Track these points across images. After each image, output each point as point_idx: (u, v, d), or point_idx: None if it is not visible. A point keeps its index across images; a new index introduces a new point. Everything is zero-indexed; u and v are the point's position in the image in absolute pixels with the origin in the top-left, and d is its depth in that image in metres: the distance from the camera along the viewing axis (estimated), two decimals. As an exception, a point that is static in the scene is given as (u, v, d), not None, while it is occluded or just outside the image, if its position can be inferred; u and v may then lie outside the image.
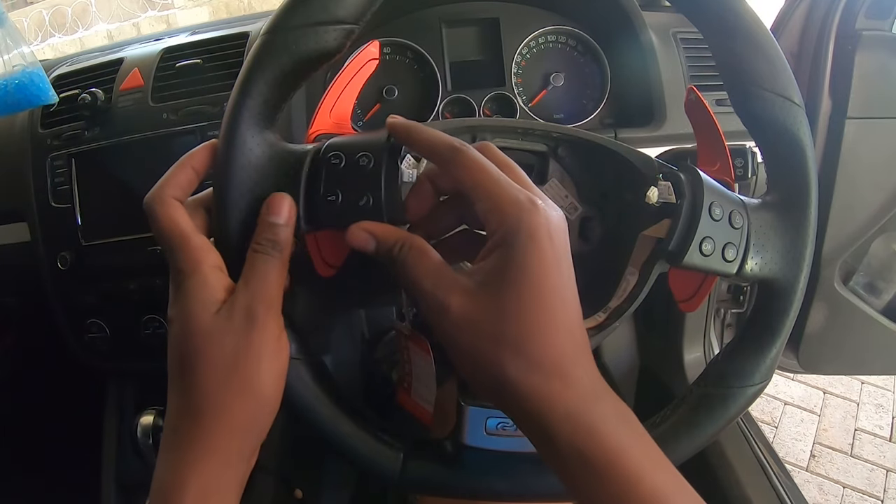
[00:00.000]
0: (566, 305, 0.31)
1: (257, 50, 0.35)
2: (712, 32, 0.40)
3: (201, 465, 0.32)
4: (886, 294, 0.90)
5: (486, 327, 0.30)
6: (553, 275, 0.30)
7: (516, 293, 0.30)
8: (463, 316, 0.30)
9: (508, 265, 0.30)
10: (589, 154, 0.44)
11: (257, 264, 0.34)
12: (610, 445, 0.29)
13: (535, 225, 0.30)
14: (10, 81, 0.63)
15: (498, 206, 0.31)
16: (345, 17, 0.35)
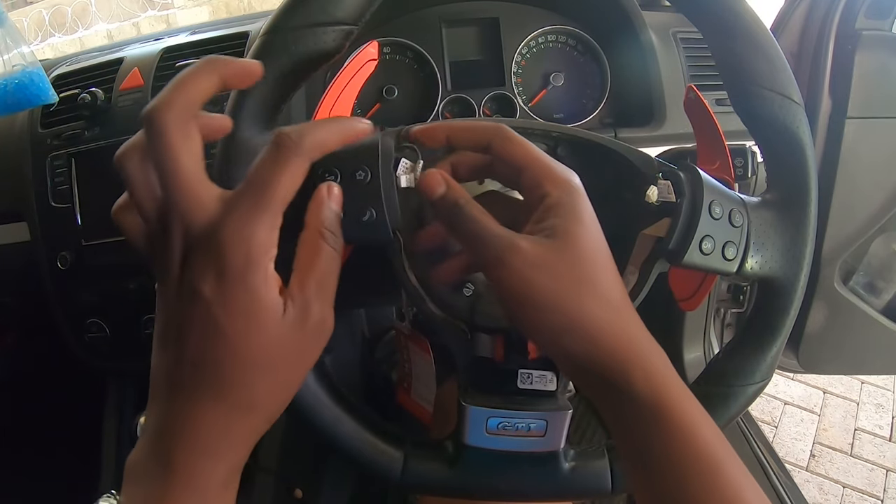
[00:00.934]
0: (612, 258, 0.34)
1: (257, 50, 0.35)
2: (712, 32, 0.40)
3: (212, 412, 0.29)
4: (886, 294, 0.90)
5: (563, 268, 0.31)
6: (599, 231, 0.33)
7: (584, 242, 0.32)
8: (537, 256, 0.31)
9: (570, 221, 0.32)
10: (588, 153, 0.44)
11: (325, 258, 0.31)
12: (675, 392, 0.31)
13: (581, 191, 0.33)
14: (10, 81, 0.63)
15: (551, 174, 0.33)
16: (344, 17, 0.35)
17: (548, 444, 0.37)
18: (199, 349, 0.28)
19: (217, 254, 0.28)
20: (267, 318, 0.28)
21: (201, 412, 0.28)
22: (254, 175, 0.29)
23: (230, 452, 0.30)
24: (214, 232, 0.28)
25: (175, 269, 0.29)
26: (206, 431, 0.28)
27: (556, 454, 0.38)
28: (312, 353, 0.31)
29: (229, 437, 0.29)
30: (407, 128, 0.40)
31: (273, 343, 0.29)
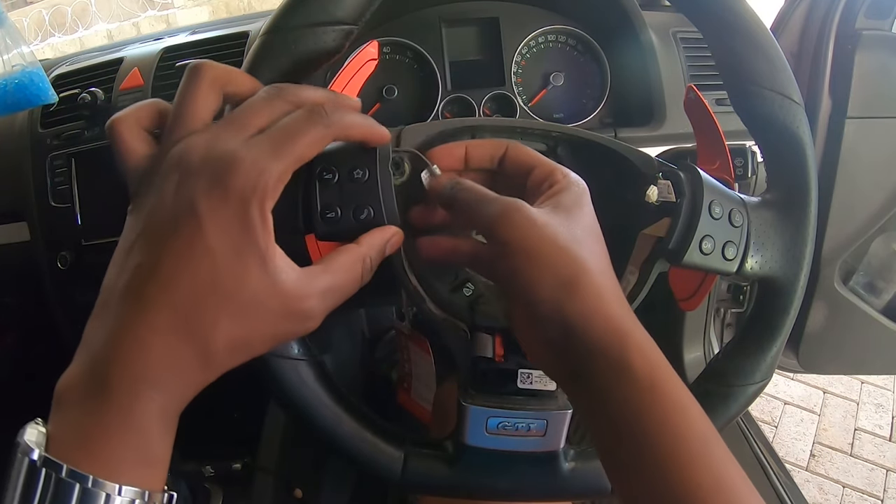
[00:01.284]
0: (607, 253, 0.35)
1: (256, 50, 0.35)
2: (712, 31, 0.40)
3: (192, 377, 0.28)
4: (886, 294, 0.90)
5: (563, 230, 0.32)
6: (597, 225, 0.35)
7: (581, 218, 0.34)
8: (539, 215, 0.32)
9: (572, 202, 0.34)
10: (588, 153, 0.44)
11: (351, 275, 0.32)
12: (665, 367, 0.31)
13: (587, 191, 0.36)
14: (10, 81, 0.63)
15: (561, 170, 0.36)
16: (343, 17, 0.35)
17: (548, 444, 0.37)
18: (174, 265, 0.27)
19: (226, 176, 0.27)
20: (254, 257, 0.28)
21: (152, 335, 0.26)
22: (283, 125, 0.29)
23: (175, 389, 0.28)
24: (232, 157, 0.27)
25: (170, 183, 0.28)
26: (154, 359, 0.26)
27: (555, 454, 0.38)
28: (283, 328, 0.30)
29: (176, 372, 0.27)
30: (408, 127, 0.40)
31: (251, 287, 0.28)
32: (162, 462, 0.28)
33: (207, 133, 0.29)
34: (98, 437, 0.26)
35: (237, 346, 0.29)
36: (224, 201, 0.27)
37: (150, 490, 0.27)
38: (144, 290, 0.27)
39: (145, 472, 0.27)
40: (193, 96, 0.30)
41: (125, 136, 0.31)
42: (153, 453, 0.27)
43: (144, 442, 0.27)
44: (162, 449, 0.28)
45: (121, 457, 0.26)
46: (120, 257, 0.29)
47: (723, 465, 0.30)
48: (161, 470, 0.28)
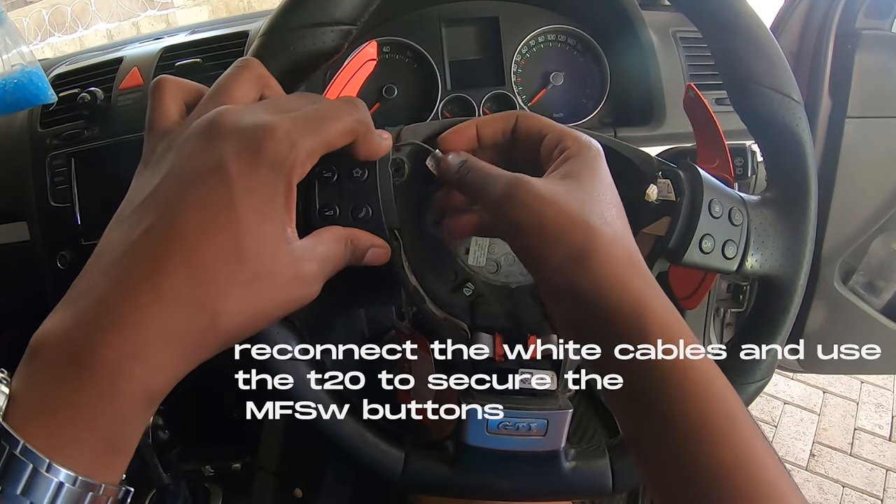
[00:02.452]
0: (623, 211, 0.34)
1: (256, 50, 0.35)
2: (711, 31, 0.40)
3: (164, 310, 0.24)
4: (886, 293, 0.90)
5: (572, 202, 0.31)
6: (612, 185, 0.34)
7: (595, 185, 0.33)
8: (546, 188, 0.32)
9: (584, 169, 0.33)
10: (588, 153, 0.44)
11: (342, 253, 0.33)
12: (688, 339, 0.30)
13: (600, 153, 0.35)
14: (10, 81, 0.63)
15: (572, 134, 0.35)
16: (342, 17, 0.35)
17: (548, 444, 0.37)
18: (196, 223, 0.25)
19: (260, 142, 0.26)
20: (276, 225, 0.27)
21: (155, 304, 0.24)
22: (320, 107, 0.30)
23: (166, 369, 0.25)
24: (267, 124, 0.27)
25: (198, 144, 0.27)
26: (152, 333, 0.24)
27: (556, 453, 0.38)
28: (293, 294, 0.29)
29: (173, 350, 0.25)
30: (407, 127, 0.40)
31: (270, 253, 0.27)
32: (129, 451, 0.25)
33: (242, 107, 0.29)
34: (65, 414, 0.23)
35: (250, 317, 0.27)
36: (255, 165, 0.26)
37: (109, 483, 0.24)
38: (155, 249, 0.25)
39: (110, 462, 0.24)
40: (235, 82, 0.31)
41: (166, 97, 0.32)
42: (122, 442, 0.25)
43: (117, 428, 0.24)
44: (134, 437, 0.25)
45: (86, 442, 0.23)
46: (126, 214, 0.27)
47: (748, 441, 0.28)
48: (126, 459, 0.25)
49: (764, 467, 0.28)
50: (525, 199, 0.31)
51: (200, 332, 0.25)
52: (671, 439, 0.29)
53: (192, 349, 0.25)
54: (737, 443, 0.28)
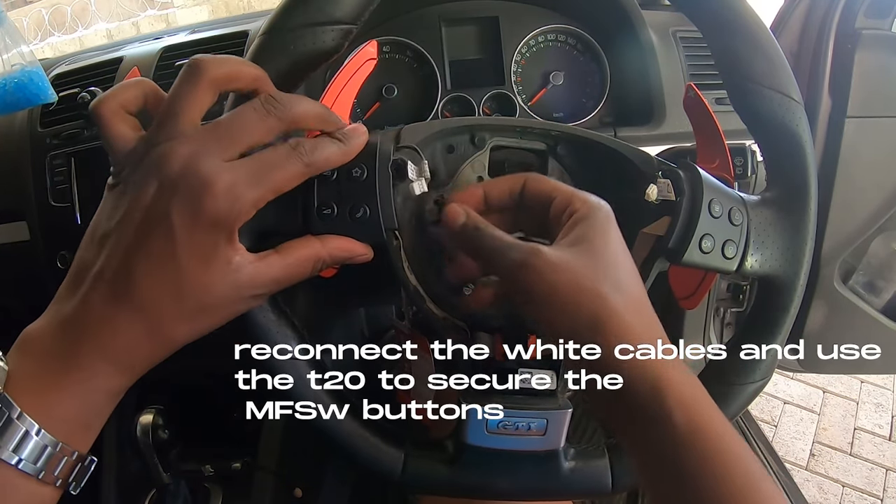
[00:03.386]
0: (636, 283, 0.34)
1: (255, 50, 0.35)
2: (711, 30, 0.40)
3: (104, 338, 0.29)
4: (886, 293, 0.90)
5: (584, 269, 0.32)
6: (624, 246, 0.34)
7: (606, 248, 0.33)
8: (560, 258, 0.32)
9: (595, 231, 0.33)
10: (588, 152, 0.44)
11: (298, 270, 0.34)
12: (706, 407, 0.30)
13: (610, 214, 0.35)
14: (10, 80, 0.63)
15: (581, 196, 0.35)
16: (342, 17, 0.35)
17: (548, 444, 0.37)
18: (142, 269, 0.29)
19: (202, 198, 0.29)
20: (218, 269, 0.30)
21: (119, 318, 0.29)
22: (265, 157, 0.31)
23: (129, 368, 0.30)
24: (210, 179, 0.29)
25: (149, 187, 0.29)
26: (118, 339, 0.29)
27: (556, 453, 0.38)
28: (234, 310, 0.32)
29: (132, 353, 0.30)
30: (407, 127, 0.40)
31: (213, 292, 0.30)
32: (98, 428, 0.31)
33: (193, 143, 0.30)
34: (52, 395, 0.29)
35: (199, 333, 0.31)
36: (196, 221, 0.29)
37: (79, 451, 0.30)
38: (115, 282, 0.29)
39: (83, 435, 0.30)
40: (188, 96, 0.31)
41: (110, 122, 0.32)
42: (93, 421, 0.31)
43: (90, 410, 0.30)
44: (102, 418, 0.31)
45: (66, 418, 0.29)
46: (95, 238, 0.31)
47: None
48: (94, 434, 0.31)
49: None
50: (540, 268, 0.32)
51: (154, 350, 0.31)
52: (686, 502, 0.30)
53: (150, 359, 0.31)
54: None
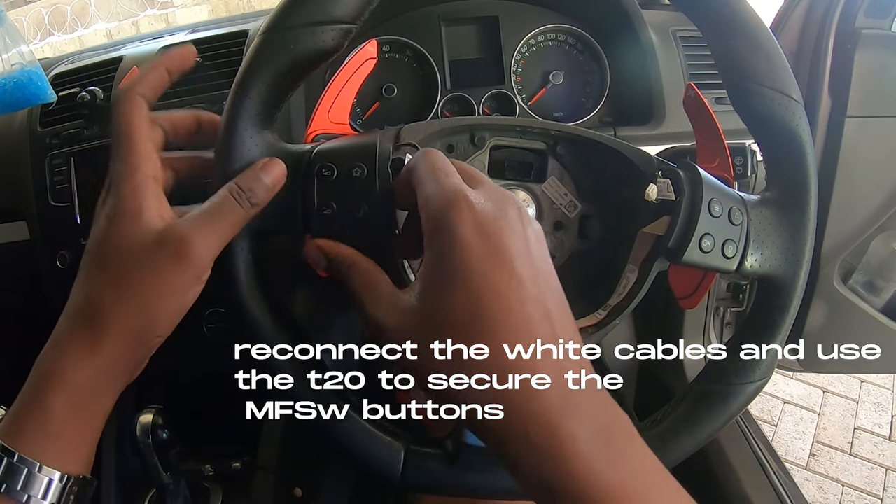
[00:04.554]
0: (510, 307, 0.28)
1: (255, 49, 0.35)
2: (711, 30, 0.40)
3: (84, 361, 0.32)
4: (886, 293, 0.89)
5: (420, 342, 0.29)
6: (486, 273, 0.28)
7: (445, 298, 0.28)
8: (399, 335, 0.29)
9: (437, 269, 0.29)
10: (588, 152, 0.44)
11: (223, 206, 0.34)
12: (579, 474, 0.25)
13: (457, 221, 0.28)
14: (9, 80, 0.63)
15: (424, 204, 0.30)
16: (342, 16, 0.35)
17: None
18: (92, 251, 0.34)
19: (111, 164, 0.34)
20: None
21: (106, 347, 0.33)
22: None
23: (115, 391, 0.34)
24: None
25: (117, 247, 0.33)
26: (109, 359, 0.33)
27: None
28: (168, 276, 0.33)
29: (124, 374, 0.34)
30: (406, 126, 0.40)
31: (130, 241, 0.32)
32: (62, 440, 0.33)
33: (146, 216, 0.33)
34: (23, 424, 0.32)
35: (130, 312, 0.33)
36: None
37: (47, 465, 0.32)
38: (80, 324, 0.33)
39: (49, 447, 0.32)
40: (136, 153, 0.34)
41: (139, 135, 0.35)
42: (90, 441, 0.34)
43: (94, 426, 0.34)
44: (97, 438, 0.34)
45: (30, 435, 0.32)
46: (88, 268, 0.34)
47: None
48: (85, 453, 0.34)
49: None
50: (387, 346, 0.30)
51: (137, 364, 0.35)
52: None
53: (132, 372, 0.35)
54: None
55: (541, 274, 0.29)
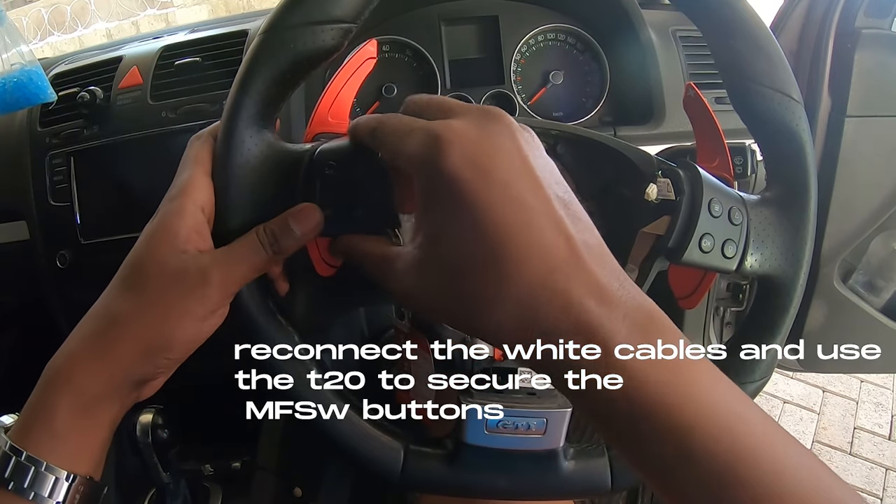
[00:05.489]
0: (529, 241, 0.26)
1: (255, 49, 0.35)
2: (711, 30, 0.40)
3: (93, 366, 0.33)
4: (886, 292, 0.89)
5: (434, 288, 0.28)
6: (488, 207, 0.26)
7: (448, 248, 0.27)
8: (406, 291, 0.30)
9: (428, 218, 0.29)
10: (588, 151, 0.44)
11: (248, 248, 0.34)
12: (669, 384, 0.24)
13: (440, 161, 0.27)
14: (9, 80, 0.63)
15: (398, 154, 0.30)
16: (342, 16, 0.35)
17: (547, 443, 0.37)
18: (126, 264, 0.35)
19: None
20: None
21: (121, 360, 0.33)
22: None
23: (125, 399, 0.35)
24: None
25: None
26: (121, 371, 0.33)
27: (555, 452, 0.38)
28: (184, 304, 0.33)
29: (135, 387, 0.35)
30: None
31: (159, 262, 0.33)
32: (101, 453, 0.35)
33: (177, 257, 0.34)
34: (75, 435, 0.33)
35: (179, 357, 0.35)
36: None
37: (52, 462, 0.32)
38: (100, 329, 0.33)
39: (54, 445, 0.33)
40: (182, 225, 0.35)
41: (200, 167, 0.36)
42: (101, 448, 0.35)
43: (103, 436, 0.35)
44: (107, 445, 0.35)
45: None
46: (114, 286, 0.35)
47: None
48: (67, 447, 0.33)
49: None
50: (399, 283, 0.30)
51: (146, 380, 0.35)
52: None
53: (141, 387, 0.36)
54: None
55: (542, 187, 0.28)
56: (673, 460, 0.24)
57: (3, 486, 0.31)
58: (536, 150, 0.30)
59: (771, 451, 0.24)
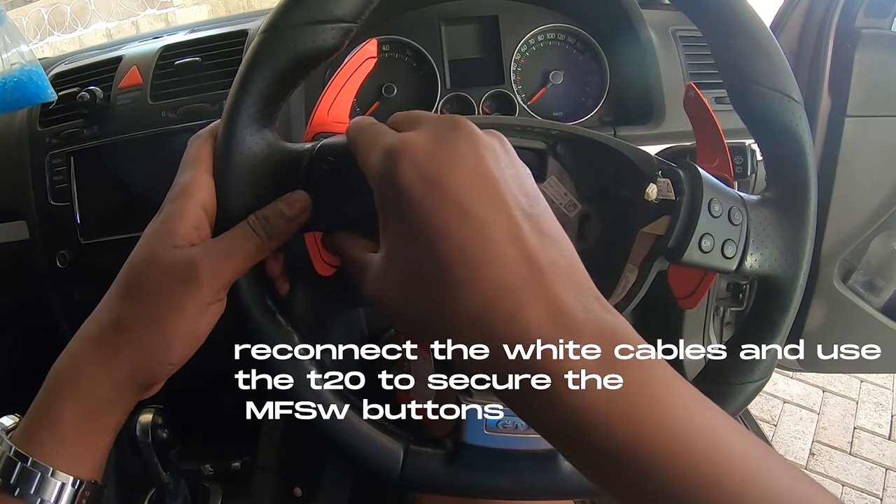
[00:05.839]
0: (481, 260, 0.25)
1: (255, 48, 0.35)
2: (711, 30, 0.40)
3: (99, 372, 0.33)
4: (886, 292, 0.90)
5: (395, 299, 0.28)
6: (439, 225, 0.26)
7: (408, 257, 0.27)
8: (375, 298, 0.30)
9: (386, 233, 0.29)
10: (588, 151, 0.44)
11: (239, 235, 0.34)
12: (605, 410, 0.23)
13: (394, 175, 0.27)
14: (9, 80, 0.63)
15: (364, 167, 0.31)
16: (343, 15, 0.35)
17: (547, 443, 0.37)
18: (126, 266, 0.35)
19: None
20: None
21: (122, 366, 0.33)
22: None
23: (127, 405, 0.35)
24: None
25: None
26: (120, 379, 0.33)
27: (555, 452, 0.38)
28: (177, 299, 0.33)
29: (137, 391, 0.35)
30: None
31: (156, 261, 0.33)
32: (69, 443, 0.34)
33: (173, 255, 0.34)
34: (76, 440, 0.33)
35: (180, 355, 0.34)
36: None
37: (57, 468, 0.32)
38: (103, 332, 0.33)
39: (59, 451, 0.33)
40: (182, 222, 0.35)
41: (202, 165, 0.36)
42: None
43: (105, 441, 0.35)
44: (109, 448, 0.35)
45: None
46: (112, 295, 0.35)
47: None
48: (70, 451, 0.33)
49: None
50: (372, 289, 0.30)
51: (149, 384, 0.35)
52: None
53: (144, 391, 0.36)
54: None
55: (503, 199, 0.26)
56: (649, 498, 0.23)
57: (8, 492, 0.31)
58: (502, 159, 0.28)
59: (755, 479, 0.22)
